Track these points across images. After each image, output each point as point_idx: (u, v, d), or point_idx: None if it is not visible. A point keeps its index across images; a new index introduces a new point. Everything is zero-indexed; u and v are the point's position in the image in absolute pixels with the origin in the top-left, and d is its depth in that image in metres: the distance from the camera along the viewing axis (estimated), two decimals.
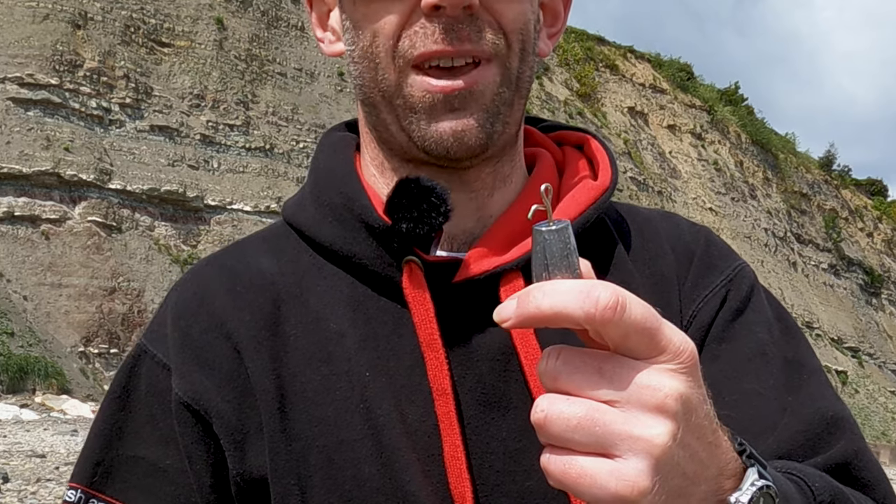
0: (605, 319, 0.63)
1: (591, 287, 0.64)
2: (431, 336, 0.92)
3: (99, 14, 21.46)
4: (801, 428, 0.93)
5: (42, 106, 20.08)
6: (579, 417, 0.64)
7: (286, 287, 0.99)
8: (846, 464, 0.92)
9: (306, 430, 0.93)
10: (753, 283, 1.06)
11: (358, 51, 0.96)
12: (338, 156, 1.05)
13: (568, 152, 1.09)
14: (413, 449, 0.91)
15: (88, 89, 20.92)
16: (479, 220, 0.99)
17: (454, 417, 0.91)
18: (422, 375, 0.92)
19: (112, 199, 20.42)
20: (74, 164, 19.85)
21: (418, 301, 0.93)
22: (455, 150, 0.93)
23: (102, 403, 1.03)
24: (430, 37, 0.90)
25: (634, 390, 0.64)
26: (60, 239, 19.43)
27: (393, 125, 0.96)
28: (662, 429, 0.64)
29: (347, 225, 0.98)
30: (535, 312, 0.65)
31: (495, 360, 0.94)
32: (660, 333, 0.65)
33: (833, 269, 42.35)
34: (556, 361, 0.66)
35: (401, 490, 0.90)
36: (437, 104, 0.91)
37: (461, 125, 0.92)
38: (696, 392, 0.66)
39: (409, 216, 0.91)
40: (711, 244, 1.08)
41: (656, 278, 1.03)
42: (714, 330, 1.00)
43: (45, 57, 20.38)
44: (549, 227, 0.68)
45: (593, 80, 33.89)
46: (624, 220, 1.08)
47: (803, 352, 1.02)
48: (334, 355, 0.95)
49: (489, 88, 0.93)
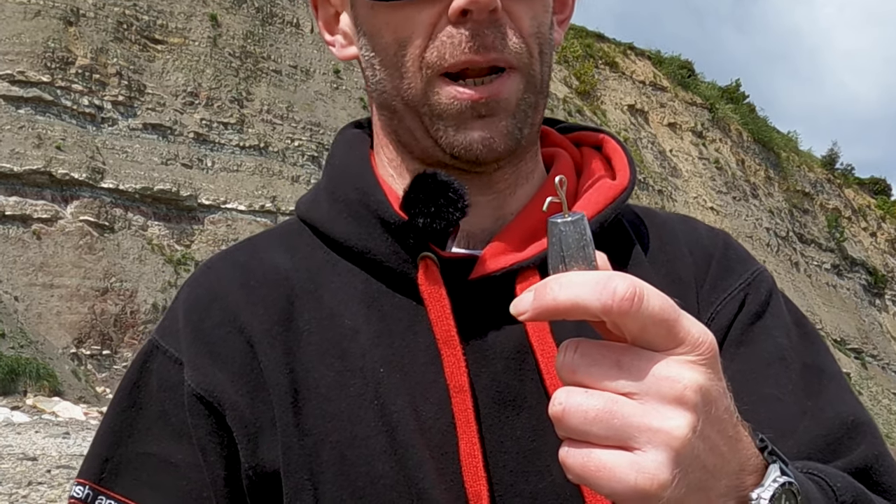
0: (623, 310, 0.63)
1: (608, 278, 0.64)
2: (448, 333, 0.92)
3: (91, 11, 21.44)
4: (821, 432, 0.93)
5: (33, 104, 20.06)
6: (598, 410, 0.64)
7: (300, 283, 1.00)
8: (866, 468, 0.92)
9: (319, 425, 0.93)
10: (772, 288, 1.06)
11: (379, 58, 0.96)
12: (353, 153, 1.05)
13: (585, 153, 1.10)
14: (427, 446, 0.91)
15: (80, 87, 20.89)
16: (497, 219, 1.00)
17: (471, 415, 0.91)
18: (437, 372, 0.92)
19: (104, 199, 20.39)
20: (66, 163, 19.83)
21: (434, 297, 0.93)
22: (484, 156, 0.94)
23: (113, 400, 1.03)
24: (457, 46, 0.91)
25: (653, 382, 0.64)
26: (52, 238, 19.40)
27: (418, 131, 0.96)
28: (682, 420, 0.64)
29: (363, 221, 0.98)
30: (552, 304, 0.65)
31: (511, 359, 0.94)
32: (678, 324, 0.65)
33: (836, 269, 42.36)
34: (574, 354, 0.66)
35: (414, 487, 0.90)
36: (465, 111, 0.92)
37: (489, 132, 0.93)
38: (716, 384, 0.66)
39: (426, 211, 0.91)
40: (730, 248, 1.09)
41: (674, 280, 1.03)
42: (732, 333, 1.00)
43: (37, 54, 20.35)
44: (564, 219, 0.68)
45: (592, 77, 33.89)
46: (641, 221, 1.08)
47: (823, 357, 1.03)
48: (348, 351, 0.95)
49: (514, 96, 0.94)
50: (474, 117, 0.93)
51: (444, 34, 0.91)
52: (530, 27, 0.94)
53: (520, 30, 0.93)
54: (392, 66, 0.95)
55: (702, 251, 1.07)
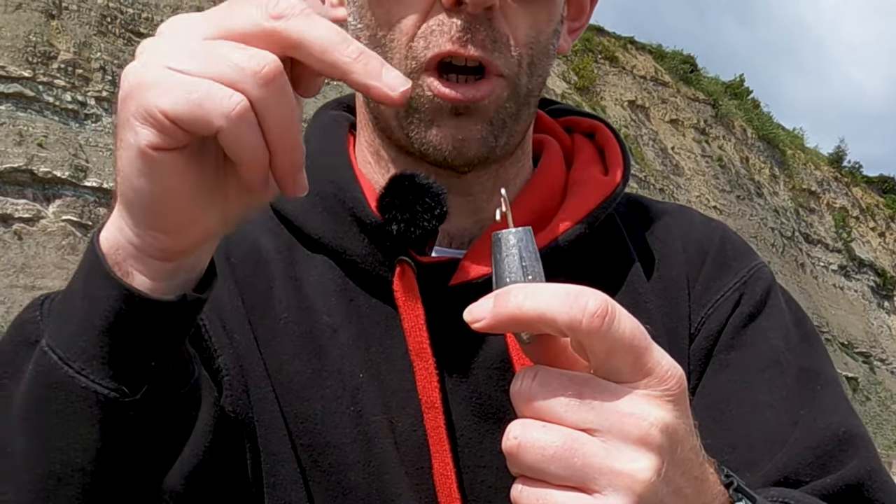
0: (592, 328, 0.60)
1: (579, 292, 0.61)
2: (421, 345, 0.90)
3: (74, 3, 21.44)
4: (812, 444, 0.92)
5: (14, 100, 20.04)
6: (556, 447, 0.61)
7: (280, 268, 0.98)
8: (859, 485, 0.90)
9: (291, 425, 0.91)
10: (770, 286, 1.04)
11: (367, 33, 0.94)
12: (329, 139, 1.03)
13: (577, 141, 1.07)
14: (402, 461, 0.90)
15: (63, 82, 20.89)
16: (476, 222, 0.99)
17: (443, 432, 0.89)
18: (412, 383, 0.91)
19: (88, 198, 20.39)
20: (48, 161, 19.83)
21: (409, 307, 0.91)
22: (453, 159, 0.93)
23: None
24: (445, 34, 0.89)
25: (616, 419, 0.61)
26: (34, 239, 19.41)
27: (392, 120, 0.94)
28: (646, 463, 0.61)
29: (338, 218, 0.96)
30: (515, 313, 0.62)
31: (492, 369, 0.92)
32: (647, 354, 0.63)
33: (843, 270, 42.32)
34: (532, 382, 0.63)
35: (389, 503, 0.89)
36: (442, 108, 0.91)
37: (462, 133, 0.92)
38: (683, 423, 0.64)
39: (402, 217, 0.89)
40: (727, 242, 1.06)
41: (665, 282, 1.01)
42: (724, 337, 0.99)
43: (18, 48, 20.35)
44: (521, 229, 0.66)
45: (592, 72, 33.84)
46: (634, 215, 1.06)
47: (820, 361, 1.01)
48: (326, 350, 0.94)
49: (494, 102, 0.92)
50: (450, 114, 0.91)
51: (435, 21, 0.90)
52: (526, 36, 0.93)
53: (514, 36, 0.92)
54: (377, 45, 0.93)
55: (696, 247, 1.04)
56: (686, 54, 40.47)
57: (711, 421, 0.92)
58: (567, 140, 1.08)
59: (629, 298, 0.98)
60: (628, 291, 0.99)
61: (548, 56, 0.97)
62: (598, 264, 1.00)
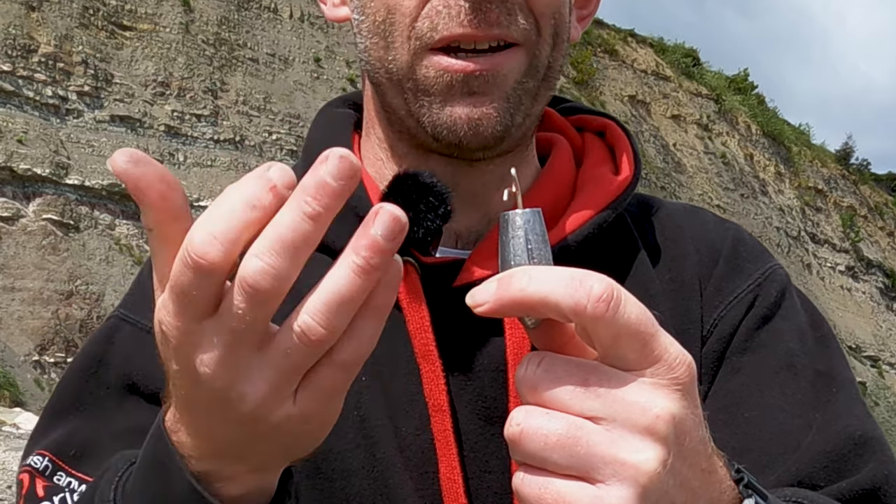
0: (597, 314, 0.60)
1: (584, 276, 0.61)
2: (427, 347, 0.90)
3: None
4: (826, 448, 0.92)
5: None
6: (559, 435, 0.61)
7: None
8: (875, 489, 0.90)
9: None
10: (785, 287, 1.04)
11: (368, 23, 0.93)
12: (334, 135, 1.02)
13: (588, 139, 1.07)
14: (406, 466, 0.90)
15: (43, 76, 20.89)
16: (483, 217, 0.98)
17: (451, 436, 0.89)
18: (417, 387, 0.92)
19: (69, 196, 20.39)
20: (28, 158, 19.84)
21: (413, 309, 0.92)
22: (469, 139, 0.91)
23: (71, 371, 1.00)
24: (454, 17, 0.88)
25: (622, 407, 0.61)
26: (13, 239, 19.41)
27: (401, 109, 0.94)
28: (651, 454, 0.61)
29: (340, 216, 0.90)
30: (518, 296, 0.62)
31: (498, 371, 0.93)
32: (655, 340, 0.62)
33: (851, 271, 42.37)
34: (537, 369, 0.63)
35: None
36: (454, 85, 0.90)
37: (478, 112, 0.90)
38: (691, 413, 0.64)
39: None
40: (740, 243, 1.06)
41: (677, 283, 1.01)
42: (737, 340, 0.99)
43: None
44: (529, 210, 0.67)
45: (591, 66, 33.85)
46: (646, 215, 1.06)
47: (836, 363, 1.00)
48: None
49: (512, 75, 0.91)
50: (464, 93, 0.90)
51: (441, 2, 0.88)
52: (545, 6, 0.91)
53: (531, 8, 0.90)
54: (378, 33, 0.92)
55: (709, 248, 1.04)
56: (688, 47, 40.46)
57: (724, 424, 0.93)
58: (577, 139, 1.08)
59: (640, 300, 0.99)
60: (639, 292, 0.97)
61: (566, 32, 0.95)
62: (608, 265, 0.98)
